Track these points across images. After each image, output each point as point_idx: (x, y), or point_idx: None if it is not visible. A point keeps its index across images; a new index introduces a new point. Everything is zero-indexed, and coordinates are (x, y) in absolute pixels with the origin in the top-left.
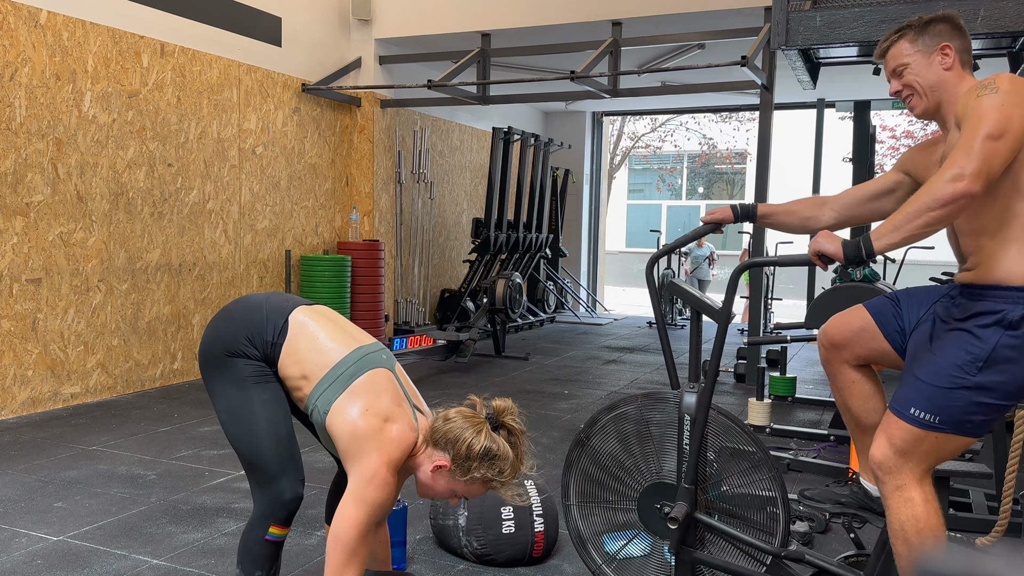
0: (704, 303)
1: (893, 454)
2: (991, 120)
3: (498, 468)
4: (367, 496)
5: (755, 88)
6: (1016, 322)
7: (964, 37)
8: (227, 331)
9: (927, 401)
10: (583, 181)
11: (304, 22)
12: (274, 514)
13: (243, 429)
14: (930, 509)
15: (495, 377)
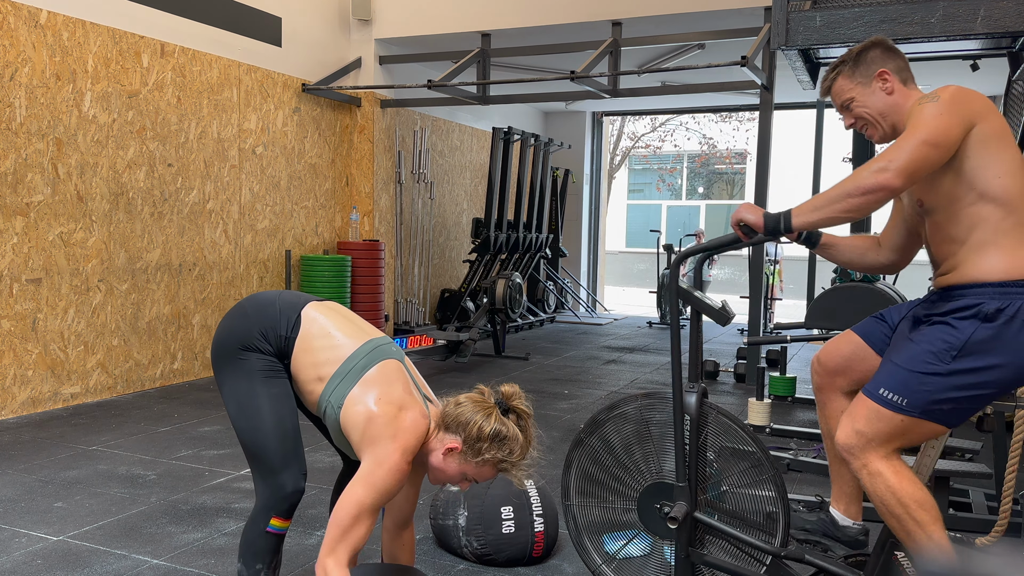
0: (704, 303)
1: (855, 434)
2: (930, 127)
3: (508, 449)
4: (376, 480)
5: (755, 88)
6: (992, 314)
7: (897, 56)
8: (241, 326)
9: (898, 383)
10: (583, 181)
11: (304, 22)
12: (276, 506)
13: (250, 422)
14: (902, 478)
15: (495, 377)
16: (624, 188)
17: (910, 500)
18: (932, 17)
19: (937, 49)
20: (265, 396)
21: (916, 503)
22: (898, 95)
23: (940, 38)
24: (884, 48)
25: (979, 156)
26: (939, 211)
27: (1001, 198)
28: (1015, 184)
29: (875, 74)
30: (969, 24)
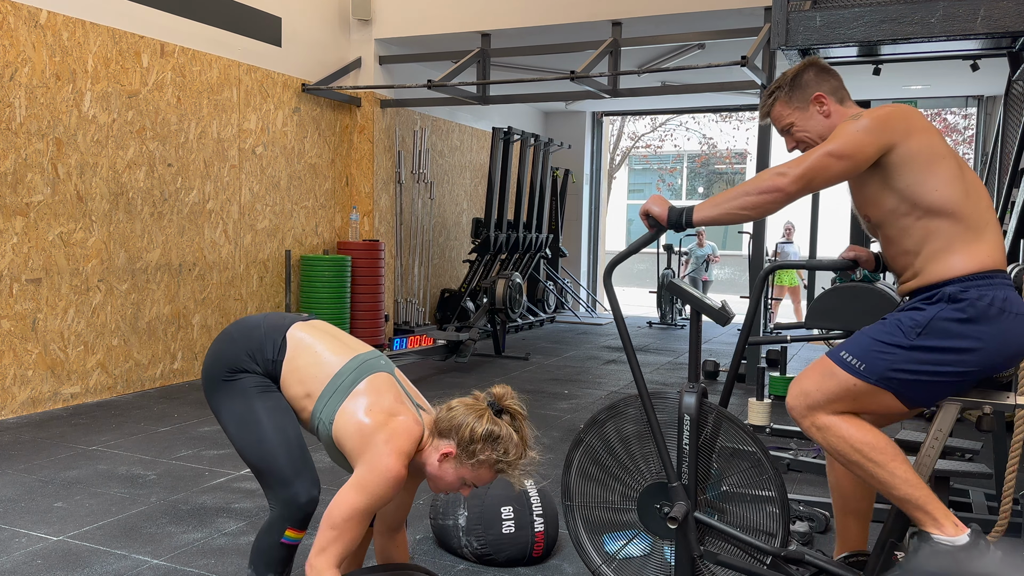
0: (704, 303)
1: (801, 394)
2: (841, 141)
3: (503, 449)
4: (369, 484)
5: (755, 88)
6: (955, 295)
7: (832, 76)
8: (228, 350)
9: (860, 349)
10: (583, 181)
11: (304, 22)
12: (291, 517)
13: (252, 437)
14: (851, 425)
15: (495, 377)
16: (624, 188)
17: (862, 444)
18: (932, 17)
19: (937, 49)
20: (263, 410)
21: (869, 446)
22: (835, 117)
23: (940, 38)
24: (817, 69)
25: (910, 174)
26: (888, 226)
27: (945, 209)
28: (954, 193)
29: (811, 98)
30: (969, 24)
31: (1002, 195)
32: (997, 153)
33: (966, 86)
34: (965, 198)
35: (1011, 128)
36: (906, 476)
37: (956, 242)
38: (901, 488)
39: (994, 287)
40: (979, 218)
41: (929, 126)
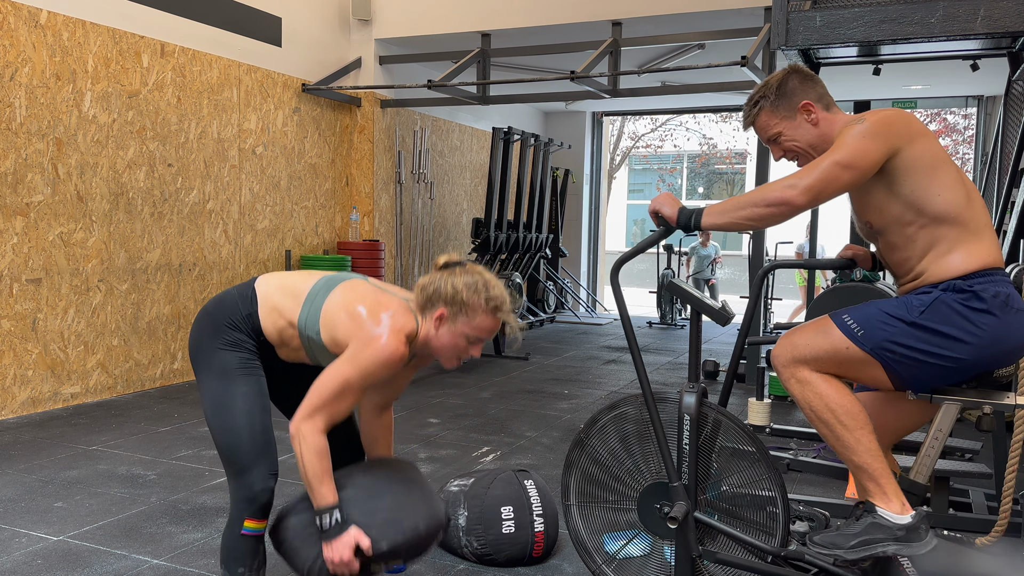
0: (704, 303)
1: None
2: (847, 148)
3: (486, 288)
4: (362, 359)
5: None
6: (961, 288)
7: (816, 83)
8: (207, 324)
9: (862, 316)
10: (583, 181)
11: (304, 22)
12: (247, 508)
13: (222, 421)
14: (830, 385)
15: (495, 377)
16: (624, 188)
17: (837, 406)
18: (932, 17)
19: (937, 49)
20: (238, 395)
21: (844, 409)
22: (823, 124)
23: (940, 38)
24: (801, 76)
25: (915, 179)
26: (891, 233)
27: (949, 215)
28: (957, 197)
29: (799, 107)
30: (969, 24)
31: (1002, 195)
32: (997, 153)
33: (966, 86)
34: (967, 203)
35: (1011, 128)
36: (870, 446)
37: (958, 245)
38: (863, 456)
39: (995, 283)
40: (978, 220)
41: (928, 131)
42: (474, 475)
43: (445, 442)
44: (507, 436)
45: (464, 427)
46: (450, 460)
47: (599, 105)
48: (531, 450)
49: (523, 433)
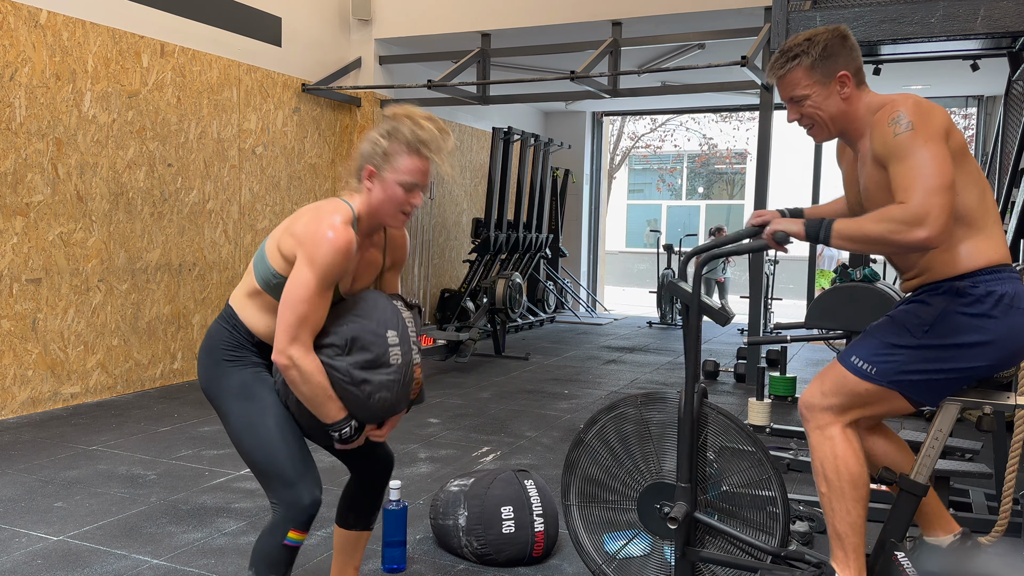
0: (704, 303)
1: (821, 395)
2: (933, 168)
3: (407, 128)
4: (316, 255)
5: (755, 88)
6: (962, 289)
7: (855, 53)
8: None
9: (869, 352)
10: (583, 181)
11: (304, 22)
12: (294, 519)
13: (255, 440)
14: (850, 448)
15: (495, 377)
16: (624, 188)
17: (847, 473)
18: (932, 17)
19: (937, 49)
20: (267, 412)
21: (851, 478)
22: (852, 101)
23: (940, 38)
24: (847, 43)
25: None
26: None
27: (962, 213)
28: (972, 197)
29: (836, 75)
30: (969, 24)
31: (1002, 195)
32: (997, 153)
33: (966, 86)
34: (980, 200)
35: (1011, 128)
36: (856, 520)
37: (966, 240)
38: (845, 527)
39: (1002, 281)
40: (986, 215)
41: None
42: (474, 475)
43: (445, 442)
44: (507, 436)
45: (464, 427)
46: (450, 460)
47: (599, 105)
48: (531, 450)
49: (523, 433)
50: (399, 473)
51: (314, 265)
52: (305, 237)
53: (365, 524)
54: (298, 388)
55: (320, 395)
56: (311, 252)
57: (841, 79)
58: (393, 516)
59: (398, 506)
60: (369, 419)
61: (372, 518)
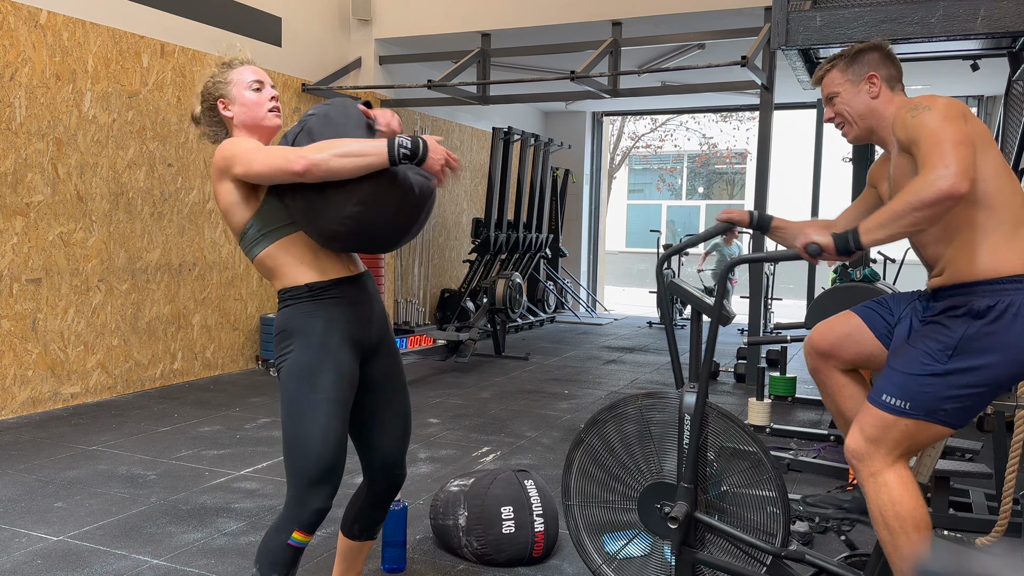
0: (704, 303)
1: (865, 442)
2: (951, 131)
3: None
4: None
5: (755, 88)
6: (983, 311)
7: (892, 65)
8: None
9: (899, 388)
10: (583, 181)
11: (304, 22)
12: (299, 520)
13: (295, 429)
14: (906, 491)
15: (495, 377)
16: (624, 188)
17: (907, 515)
18: (932, 17)
19: (937, 49)
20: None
21: (912, 519)
22: (881, 101)
23: (940, 38)
24: (883, 55)
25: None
26: None
27: (986, 201)
28: (999, 186)
29: (865, 75)
30: (969, 24)
31: None
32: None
33: (966, 86)
34: (1012, 193)
35: (1011, 128)
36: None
37: (987, 237)
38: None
39: (1021, 291)
40: (1017, 215)
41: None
42: (474, 475)
43: (445, 442)
44: (507, 436)
45: (464, 427)
46: (450, 460)
47: (599, 105)
48: (531, 450)
49: (523, 433)
50: None
51: (238, 151)
52: (218, 166)
53: (370, 535)
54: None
55: (356, 150)
56: (228, 155)
57: (870, 79)
58: (393, 516)
59: (398, 506)
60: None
61: (377, 529)
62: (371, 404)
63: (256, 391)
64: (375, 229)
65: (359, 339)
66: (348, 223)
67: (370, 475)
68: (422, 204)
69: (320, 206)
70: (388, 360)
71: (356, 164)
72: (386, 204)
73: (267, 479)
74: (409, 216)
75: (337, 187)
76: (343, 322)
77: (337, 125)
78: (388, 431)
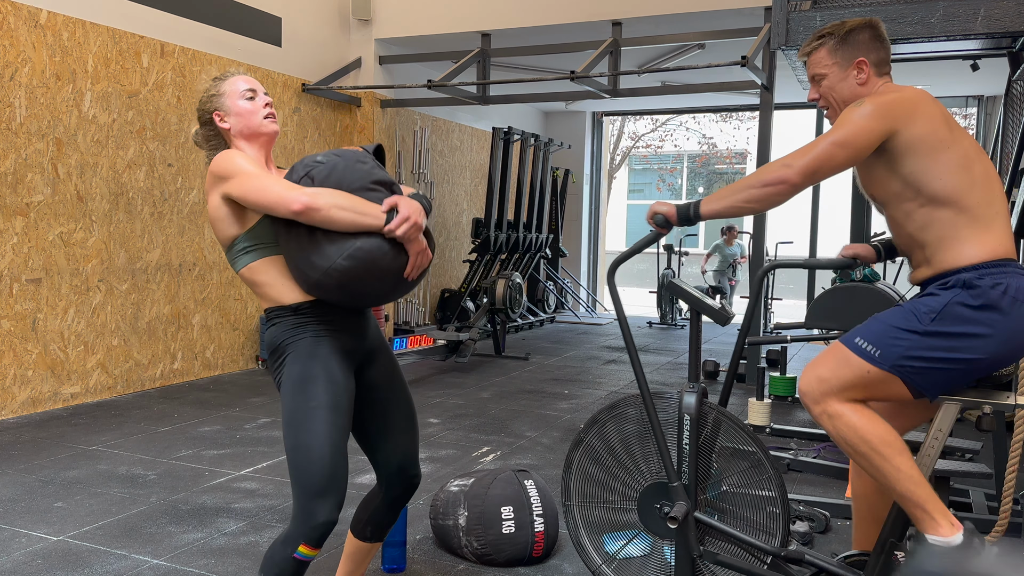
0: (704, 303)
1: (816, 380)
2: (846, 129)
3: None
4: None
5: (755, 88)
6: (970, 281)
7: (883, 47)
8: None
9: (874, 335)
10: (583, 181)
11: (304, 22)
12: (306, 534)
13: (295, 440)
14: (862, 416)
15: (495, 377)
16: (624, 188)
17: (871, 436)
18: (932, 17)
19: (937, 49)
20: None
21: (878, 438)
22: (867, 88)
23: (940, 38)
24: (874, 34)
25: (914, 160)
26: (892, 208)
27: (948, 199)
28: (959, 183)
29: (854, 61)
30: (969, 24)
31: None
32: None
33: (966, 86)
34: (970, 188)
35: (1011, 128)
36: (910, 472)
37: (964, 231)
38: (904, 483)
39: (1007, 275)
40: (987, 208)
41: (937, 113)
42: (474, 475)
43: (445, 442)
44: (507, 436)
45: (464, 427)
46: (450, 460)
47: (599, 105)
48: (531, 450)
49: (523, 433)
50: None
51: (234, 170)
52: (212, 178)
53: (380, 537)
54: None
55: (356, 209)
56: (223, 171)
57: (859, 64)
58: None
59: None
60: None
61: (387, 530)
62: (378, 409)
63: (256, 391)
64: (360, 286)
65: (351, 349)
66: (334, 275)
67: (386, 479)
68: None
69: (310, 252)
70: (386, 364)
71: (353, 220)
72: (375, 265)
73: (267, 479)
74: (395, 281)
75: (331, 238)
76: (333, 333)
77: (340, 182)
78: (398, 434)
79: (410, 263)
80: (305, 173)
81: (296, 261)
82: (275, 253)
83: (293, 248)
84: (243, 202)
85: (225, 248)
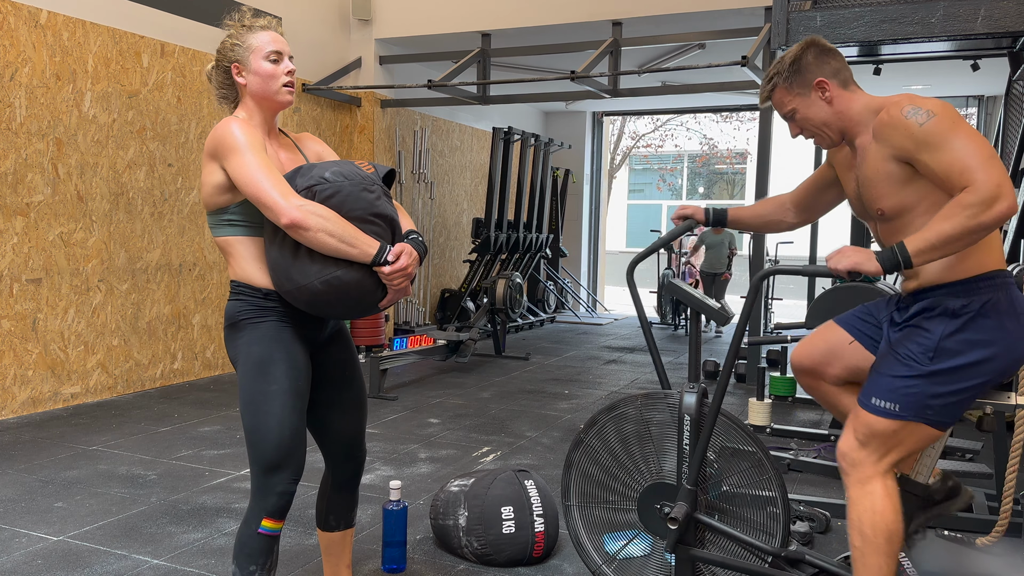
0: (704, 303)
1: (857, 446)
2: (978, 145)
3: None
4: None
5: (755, 88)
6: (957, 310)
7: (832, 57)
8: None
9: (886, 391)
10: (583, 181)
11: (304, 22)
12: (265, 507)
13: (252, 420)
14: (889, 503)
15: (495, 377)
16: (624, 188)
17: (884, 529)
18: (932, 17)
19: (937, 49)
20: (276, 397)
21: (887, 534)
22: (839, 102)
23: (940, 38)
24: (817, 51)
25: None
26: (895, 220)
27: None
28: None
29: (813, 84)
30: (969, 24)
31: None
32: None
33: (966, 86)
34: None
35: (1011, 128)
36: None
37: None
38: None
39: (995, 288)
40: None
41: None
42: (474, 475)
43: (445, 442)
44: (507, 436)
45: (464, 427)
46: (450, 460)
47: (599, 105)
48: (531, 450)
49: (523, 433)
50: (399, 473)
51: (236, 148)
52: (211, 147)
53: (347, 522)
54: (325, 233)
55: (349, 235)
56: (224, 145)
57: (819, 85)
58: (393, 516)
59: (398, 506)
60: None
61: (352, 514)
62: (332, 387)
63: None
64: (328, 308)
65: (312, 337)
66: (306, 293)
67: (332, 460)
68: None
69: (290, 264)
70: (342, 349)
71: (337, 249)
72: (347, 295)
73: None
74: (365, 308)
75: (314, 257)
76: (297, 322)
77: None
78: (348, 414)
79: (387, 299)
80: (308, 187)
81: (275, 264)
82: (259, 235)
83: (275, 252)
84: (236, 185)
85: (209, 211)
